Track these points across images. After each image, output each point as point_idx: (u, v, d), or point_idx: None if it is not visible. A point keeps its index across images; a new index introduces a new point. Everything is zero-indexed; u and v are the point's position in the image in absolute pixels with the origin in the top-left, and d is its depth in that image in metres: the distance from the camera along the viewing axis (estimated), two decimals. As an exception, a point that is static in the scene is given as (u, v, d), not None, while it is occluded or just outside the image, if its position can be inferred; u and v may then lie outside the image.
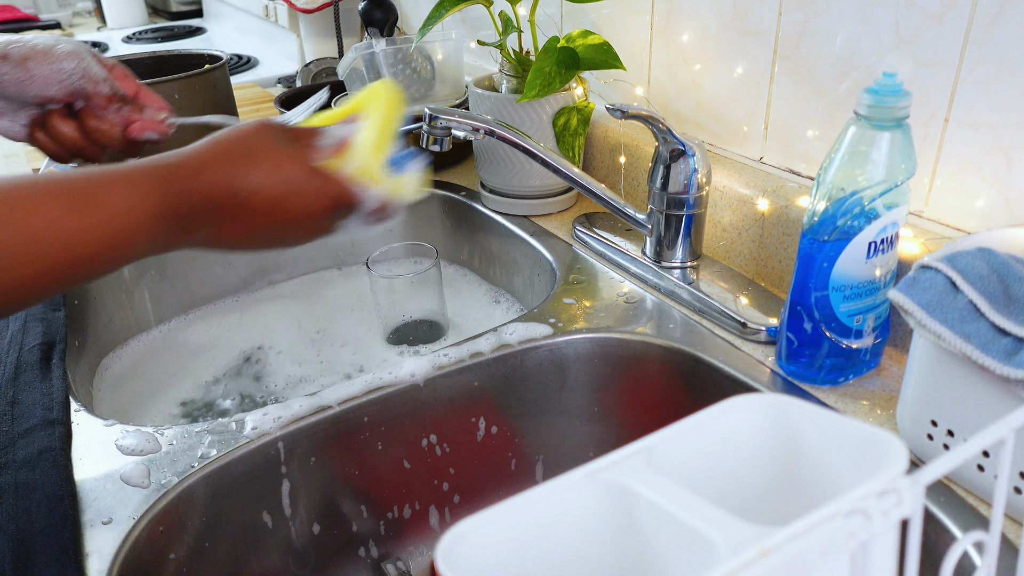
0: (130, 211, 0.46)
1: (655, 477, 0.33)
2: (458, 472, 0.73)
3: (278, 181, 0.53)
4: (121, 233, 0.46)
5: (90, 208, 0.45)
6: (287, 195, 0.53)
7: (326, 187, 0.55)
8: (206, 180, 0.50)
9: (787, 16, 0.73)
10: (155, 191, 0.48)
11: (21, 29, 2.26)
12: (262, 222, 0.53)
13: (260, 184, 0.52)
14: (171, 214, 0.49)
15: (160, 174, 0.49)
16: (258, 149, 0.53)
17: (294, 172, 0.54)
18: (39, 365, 0.69)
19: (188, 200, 0.49)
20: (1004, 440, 0.31)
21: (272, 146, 0.54)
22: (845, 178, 0.56)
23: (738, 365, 0.66)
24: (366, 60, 1.06)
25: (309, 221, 0.55)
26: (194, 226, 0.50)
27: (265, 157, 0.53)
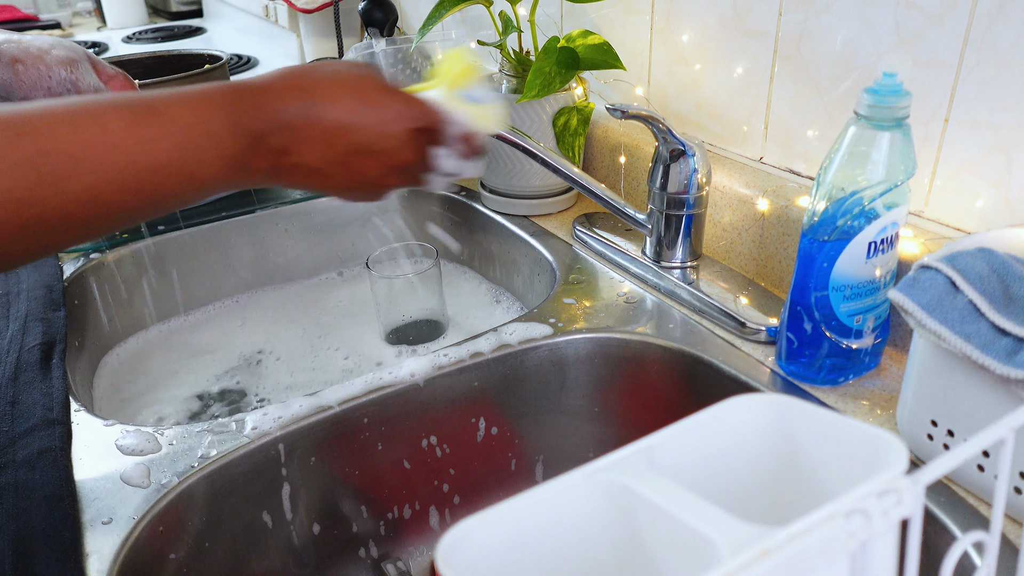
0: (195, 125, 0.45)
1: (655, 477, 0.33)
2: (458, 472, 0.73)
3: (356, 100, 0.49)
4: (186, 147, 0.44)
5: (153, 120, 0.44)
6: (365, 114, 0.50)
7: (408, 107, 0.51)
8: (277, 98, 0.48)
9: (787, 16, 0.73)
10: (223, 107, 0.46)
11: (21, 29, 2.26)
12: (341, 146, 0.49)
13: (336, 101, 0.49)
14: (240, 131, 0.46)
15: (228, 92, 0.47)
16: (333, 72, 0.50)
17: (372, 91, 0.50)
18: (39, 365, 0.69)
19: (258, 116, 0.47)
20: (1004, 440, 0.31)
21: (348, 70, 0.51)
22: (845, 178, 0.56)
23: (738, 365, 0.66)
24: (366, 60, 1.06)
25: (394, 147, 0.51)
26: (266, 147, 0.48)
27: (341, 77, 0.50)
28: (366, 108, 0.50)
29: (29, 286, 0.81)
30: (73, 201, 0.41)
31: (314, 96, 0.49)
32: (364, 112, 0.50)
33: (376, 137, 0.50)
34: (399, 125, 0.51)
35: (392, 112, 0.51)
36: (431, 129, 0.53)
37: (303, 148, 0.49)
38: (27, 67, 0.61)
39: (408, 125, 0.51)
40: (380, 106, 0.50)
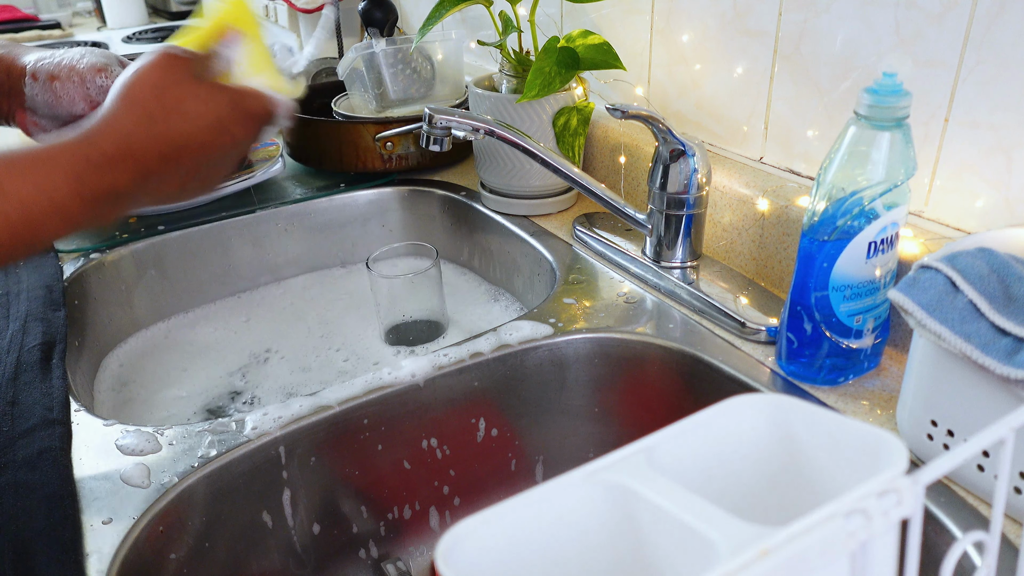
0: (34, 199, 0.44)
1: (655, 477, 0.33)
2: (458, 472, 0.73)
3: (206, 124, 0.50)
4: (24, 224, 0.44)
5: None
6: (217, 136, 0.51)
7: (251, 107, 0.53)
8: (131, 148, 0.47)
9: (787, 16, 0.73)
10: (67, 173, 0.45)
11: (21, 29, 2.26)
12: (196, 170, 0.50)
13: (190, 135, 0.49)
14: (89, 194, 0.46)
15: (74, 152, 0.46)
16: (179, 96, 0.50)
17: (219, 107, 0.51)
18: (39, 365, 0.69)
19: (111, 175, 0.47)
20: (1004, 440, 0.31)
21: (190, 88, 0.51)
22: (845, 178, 0.56)
23: (738, 365, 0.66)
24: (366, 60, 1.06)
25: (238, 148, 0.53)
26: (122, 199, 0.48)
27: (189, 102, 0.50)
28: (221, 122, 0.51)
29: (29, 286, 0.81)
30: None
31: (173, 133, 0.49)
32: (220, 128, 0.51)
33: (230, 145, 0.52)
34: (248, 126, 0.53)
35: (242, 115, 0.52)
36: (271, 116, 0.55)
37: (161, 185, 0.50)
38: (64, 82, 0.61)
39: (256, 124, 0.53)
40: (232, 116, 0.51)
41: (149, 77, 0.51)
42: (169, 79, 0.50)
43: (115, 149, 0.47)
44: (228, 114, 0.51)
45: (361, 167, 1.04)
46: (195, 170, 0.51)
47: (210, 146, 0.51)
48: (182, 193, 0.52)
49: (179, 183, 0.51)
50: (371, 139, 1.02)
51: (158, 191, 0.50)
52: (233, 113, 0.52)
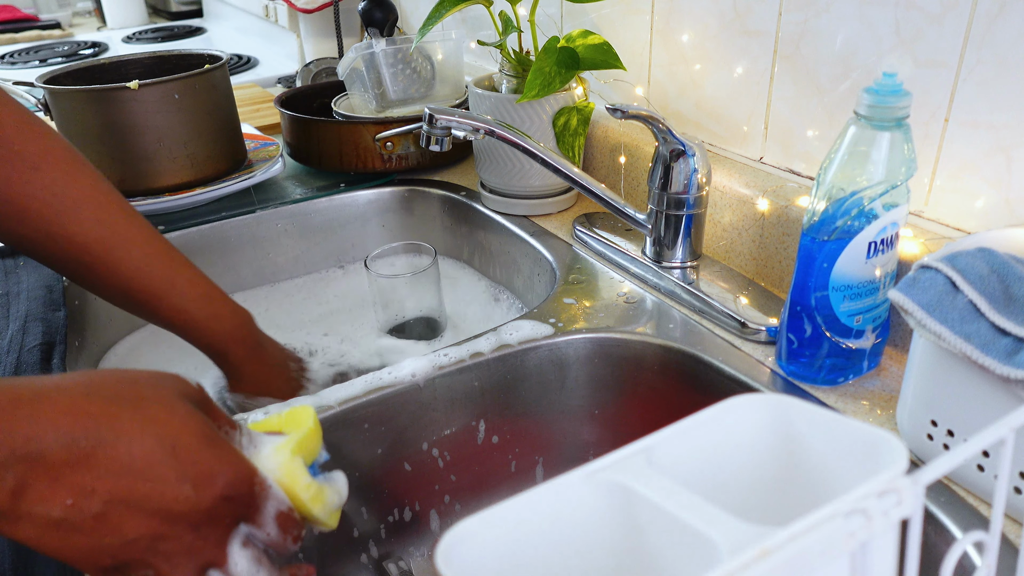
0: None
1: (655, 477, 0.33)
2: (458, 472, 0.73)
3: (158, 437, 0.36)
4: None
5: None
6: (162, 459, 0.36)
7: (230, 465, 0.39)
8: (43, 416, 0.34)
9: (787, 16, 0.73)
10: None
11: (21, 29, 2.26)
12: (102, 490, 0.35)
13: (128, 434, 0.35)
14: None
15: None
16: (148, 393, 0.38)
17: (188, 429, 0.38)
18: (39, 365, 0.69)
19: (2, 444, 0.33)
20: (1004, 440, 0.31)
21: (169, 394, 0.39)
22: (845, 178, 0.56)
23: (738, 365, 0.66)
24: (366, 60, 1.06)
25: (178, 507, 0.37)
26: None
27: (153, 403, 0.38)
28: (171, 458, 0.36)
29: (29, 286, 0.81)
30: None
31: (111, 420, 0.36)
32: (166, 461, 0.36)
33: (166, 498, 0.36)
34: (208, 492, 0.37)
35: (204, 475, 0.37)
36: (244, 496, 0.40)
37: (47, 494, 0.34)
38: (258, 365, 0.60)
39: (217, 490, 0.38)
40: (191, 458, 0.37)
41: (127, 372, 0.40)
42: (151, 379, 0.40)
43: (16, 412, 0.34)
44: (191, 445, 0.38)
45: (361, 167, 1.04)
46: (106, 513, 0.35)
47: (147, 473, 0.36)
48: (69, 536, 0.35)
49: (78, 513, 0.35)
50: (371, 139, 1.02)
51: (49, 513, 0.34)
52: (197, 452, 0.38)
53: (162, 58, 1.06)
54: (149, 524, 0.36)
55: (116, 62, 1.04)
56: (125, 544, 0.36)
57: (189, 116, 0.95)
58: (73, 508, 0.34)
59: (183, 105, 0.94)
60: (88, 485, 0.34)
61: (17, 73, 1.80)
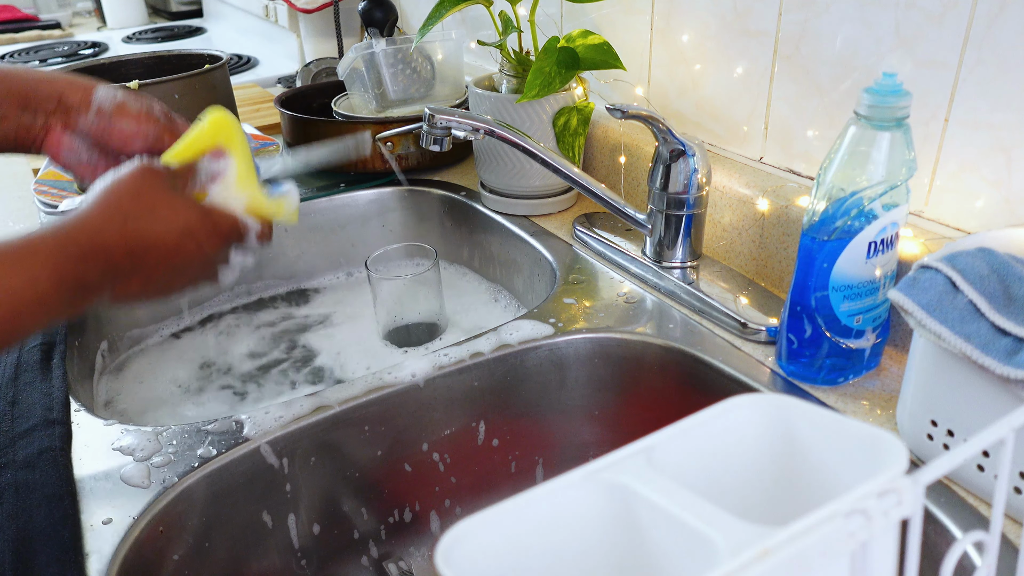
0: (20, 290, 0.45)
1: (655, 477, 0.33)
2: (458, 472, 0.73)
3: (175, 228, 0.53)
4: (10, 315, 0.45)
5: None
6: (183, 241, 0.53)
7: (219, 223, 0.56)
8: (103, 243, 0.50)
9: (787, 16, 0.73)
10: (46, 267, 0.47)
11: (21, 29, 2.26)
12: (159, 272, 0.53)
13: (158, 236, 0.52)
14: (64, 287, 0.47)
15: (53, 245, 0.48)
16: (153, 201, 0.53)
17: (189, 217, 0.54)
18: (39, 365, 0.69)
19: (84, 267, 0.48)
20: (1004, 440, 0.31)
21: (164, 195, 0.54)
22: (845, 178, 0.56)
23: (738, 365, 0.66)
24: (366, 60, 1.06)
25: (204, 260, 0.55)
26: (91, 291, 0.50)
27: (161, 207, 0.53)
28: (186, 234, 0.53)
29: (29, 286, 0.81)
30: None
31: (143, 234, 0.52)
32: (184, 239, 0.53)
33: (193, 257, 0.54)
34: (213, 243, 0.55)
35: (207, 232, 0.55)
36: (239, 236, 0.57)
37: (128, 282, 0.52)
38: (128, 119, 0.62)
39: (220, 241, 0.56)
40: (197, 230, 0.54)
41: (127, 182, 0.53)
42: (145, 186, 0.53)
43: (89, 243, 0.49)
44: (197, 225, 0.54)
45: (361, 167, 1.04)
46: (159, 271, 0.53)
47: (176, 251, 0.53)
48: (143, 293, 0.54)
49: (142, 282, 0.53)
50: (371, 139, 1.02)
51: (123, 288, 0.52)
52: (202, 225, 0.54)
53: (162, 58, 1.06)
54: (189, 275, 0.56)
55: (116, 62, 1.04)
56: (174, 288, 0.56)
57: (189, 116, 0.94)
58: (144, 284, 0.53)
59: (183, 105, 0.94)
60: (146, 273, 0.52)
61: (17, 73, 1.80)
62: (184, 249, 0.53)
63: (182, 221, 0.53)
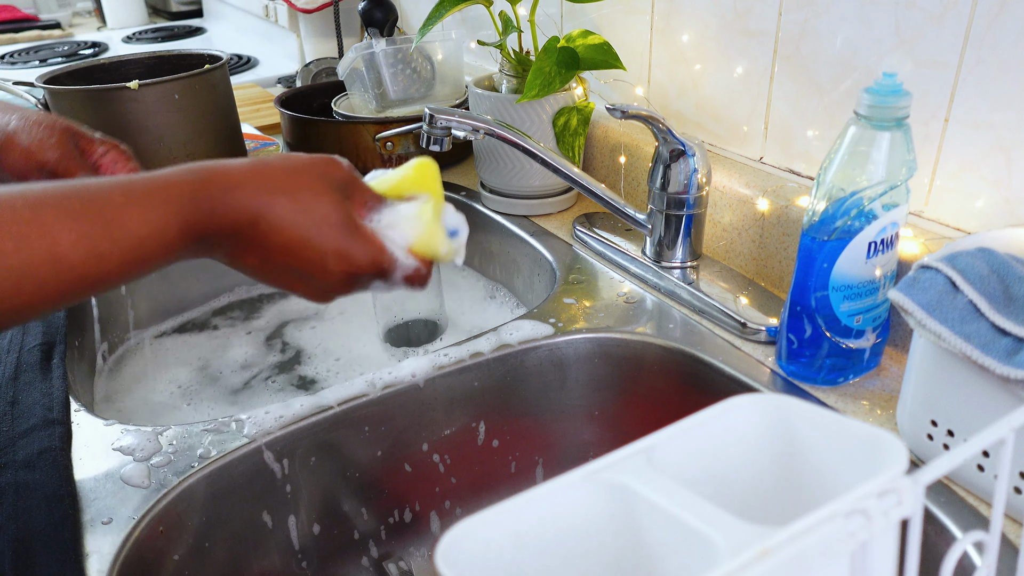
0: (148, 237, 0.43)
1: (655, 477, 0.33)
2: (458, 472, 0.73)
3: (306, 224, 0.48)
4: (136, 258, 0.43)
5: (105, 233, 0.41)
6: (308, 243, 0.48)
7: (360, 249, 0.50)
8: (233, 201, 0.47)
9: (787, 16, 0.73)
10: (178, 213, 0.44)
11: (21, 29, 2.26)
12: (276, 260, 0.49)
13: (286, 220, 0.48)
14: (190, 236, 0.46)
15: (186, 192, 0.45)
16: (303, 183, 0.49)
17: (329, 220, 0.49)
18: (39, 365, 0.69)
19: (211, 221, 0.46)
20: (1004, 440, 0.31)
21: (319, 185, 0.49)
22: (845, 178, 0.56)
23: (738, 365, 0.66)
24: (366, 60, 1.06)
25: (325, 277, 0.50)
26: (211, 247, 0.48)
27: (305, 193, 0.48)
28: (314, 237, 0.48)
29: (29, 286, 0.81)
30: (8, 312, 0.39)
31: (273, 209, 0.47)
32: (309, 242, 0.48)
33: (314, 267, 0.49)
34: (341, 265, 0.50)
35: (339, 250, 0.49)
36: (379, 272, 0.52)
37: (245, 254, 0.49)
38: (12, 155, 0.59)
39: (353, 268, 0.50)
40: (328, 241, 0.49)
41: (296, 158, 0.50)
42: (313, 172, 0.50)
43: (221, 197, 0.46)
44: (335, 241, 0.49)
45: (361, 167, 1.04)
46: (276, 261, 0.49)
47: (301, 249, 0.49)
48: (259, 272, 0.50)
49: (259, 262, 0.49)
50: (371, 139, 1.02)
51: (239, 257, 0.49)
52: (340, 243, 0.49)
53: (162, 58, 1.06)
54: (303, 283, 0.51)
55: (116, 62, 1.04)
56: (292, 287, 0.52)
57: (189, 116, 0.95)
58: (260, 264, 0.49)
59: (183, 105, 0.94)
60: (264, 254, 0.49)
61: (17, 73, 1.80)
62: (307, 254, 0.49)
63: (315, 220, 0.48)
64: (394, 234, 0.53)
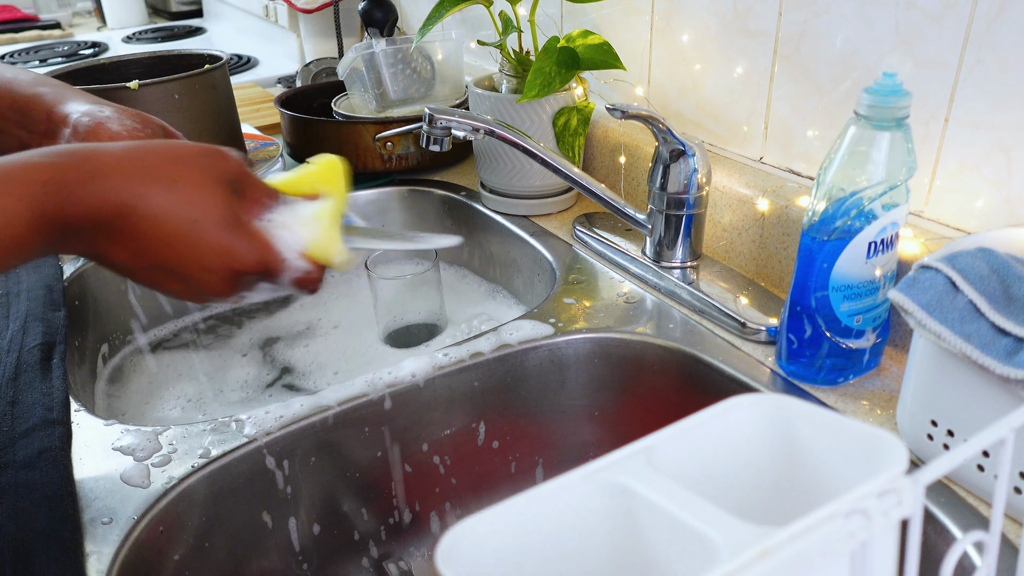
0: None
1: (655, 477, 0.33)
2: (458, 472, 0.73)
3: (184, 217, 0.44)
4: None
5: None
6: (185, 237, 0.44)
7: (245, 247, 0.46)
8: (99, 189, 0.42)
9: (787, 16, 0.73)
10: (30, 202, 0.40)
11: (21, 29, 2.26)
12: (148, 257, 0.44)
13: (159, 211, 0.43)
14: (45, 227, 0.41)
15: (44, 178, 0.41)
16: (184, 173, 0.44)
17: (212, 214, 0.44)
18: (39, 365, 0.69)
19: (68, 211, 0.41)
20: (1004, 440, 0.31)
21: (201, 176, 0.45)
22: (845, 178, 0.56)
23: (738, 365, 0.66)
24: (366, 60, 1.06)
25: (204, 276, 0.46)
26: (71, 241, 0.43)
27: (185, 184, 0.44)
28: (193, 230, 0.44)
29: (29, 286, 0.81)
30: None
31: (146, 199, 0.43)
32: (187, 235, 0.44)
33: (190, 264, 0.45)
34: (222, 262, 0.45)
35: (222, 247, 0.45)
36: (265, 272, 0.48)
37: (112, 248, 0.44)
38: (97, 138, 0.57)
39: (235, 266, 0.46)
40: (210, 236, 0.45)
41: (176, 146, 0.46)
42: (194, 160, 0.46)
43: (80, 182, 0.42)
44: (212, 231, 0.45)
45: (361, 167, 1.04)
46: (149, 255, 0.44)
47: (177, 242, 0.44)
48: (128, 269, 0.46)
49: (130, 256, 0.44)
50: (371, 139, 1.02)
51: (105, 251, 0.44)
52: (223, 237, 0.45)
53: (162, 58, 1.06)
54: (180, 282, 0.46)
55: (116, 62, 1.04)
56: (166, 287, 0.47)
57: (189, 116, 0.95)
58: (129, 260, 0.44)
59: (183, 105, 0.94)
60: (134, 248, 0.44)
61: (17, 73, 1.80)
62: (182, 248, 0.44)
63: (195, 213, 0.44)
64: (287, 235, 0.49)
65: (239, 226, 0.46)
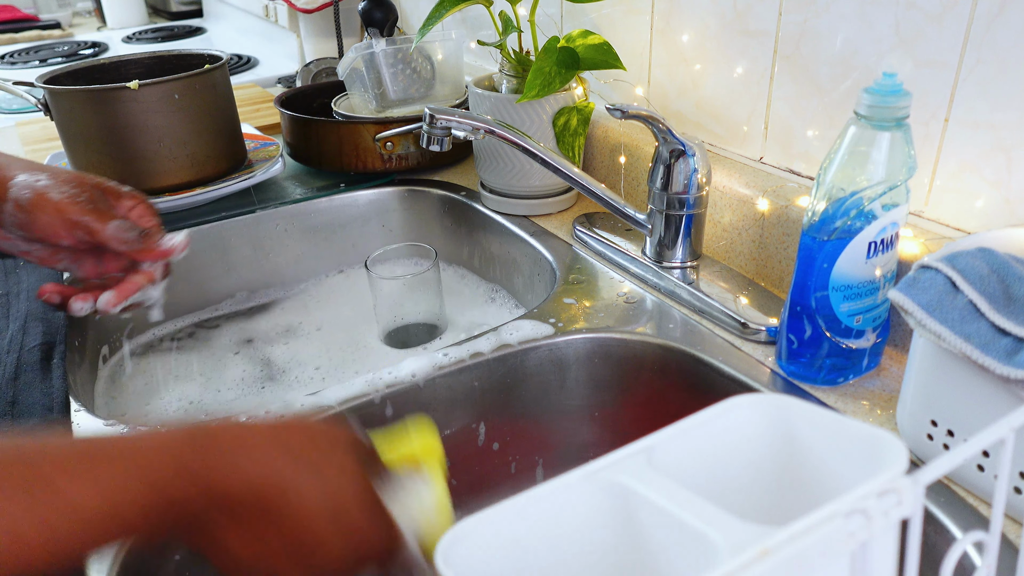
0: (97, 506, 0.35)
1: (655, 477, 0.33)
2: (458, 473, 0.73)
3: (327, 500, 0.40)
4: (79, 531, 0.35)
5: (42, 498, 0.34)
6: (330, 521, 0.40)
7: (382, 533, 0.44)
8: (240, 464, 0.39)
9: (787, 16, 0.73)
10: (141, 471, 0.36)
11: (21, 29, 2.26)
12: (273, 542, 0.40)
13: (307, 492, 0.40)
14: (157, 504, 0.37)
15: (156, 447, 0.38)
16: (336, 460, 0.42)
17: (352, 496, 0.42)
18: (39, 365, 0.69)
19: (183, 486, 0.37)
20: (1004, 440, 0.31)
21: (340, 458, 0.42)
22: (845, 178, 0.56)
23: (738, 365, 0.66)
24: (366, 60, 1.06)
25: (330, 564, 0.42)
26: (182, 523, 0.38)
27: (329, 467, 0.41)
28: (343, 503, 0.42)
29: (29, 286, 0.81)
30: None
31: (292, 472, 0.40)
32: (339, 509, 0.41)
33: (322, 555, 0.41)
34: (354, 549, 0.43)
35: (359, 537, 0.42)
36: (390, 555, 0.45)
37: (229, 531, 0.39)
38: (41, 214, 0.57)
39: (364, 553, 0.43)
40: (354, 526, 0.42)
41: (313, 425, 0.44)
42: (336, 441, 0.43)
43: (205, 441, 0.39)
44: (358, 504, 0.42)
45: (361, 167, 1.04)
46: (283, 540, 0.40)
47: (322, 527, 0.41)
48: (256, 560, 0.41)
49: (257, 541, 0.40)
50: (371, 139, 1.02)
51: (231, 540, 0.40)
52: (364, 510, 0.43)
53: (162, 58, 1.06)
54: (290, 564, 0.41)
55: (116, 62, 1.04)
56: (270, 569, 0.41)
57: (189, 116, 0.95)
58: (246, 546, 0.39)
59: (183, 105, 0.94)
60: (263, 533, 0.39)
61: (17, 73, 1.80)
62: (328, 532, 0.41)
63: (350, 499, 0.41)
64: (410, 522, 0.46)
65: (376, 508, 0.44)
